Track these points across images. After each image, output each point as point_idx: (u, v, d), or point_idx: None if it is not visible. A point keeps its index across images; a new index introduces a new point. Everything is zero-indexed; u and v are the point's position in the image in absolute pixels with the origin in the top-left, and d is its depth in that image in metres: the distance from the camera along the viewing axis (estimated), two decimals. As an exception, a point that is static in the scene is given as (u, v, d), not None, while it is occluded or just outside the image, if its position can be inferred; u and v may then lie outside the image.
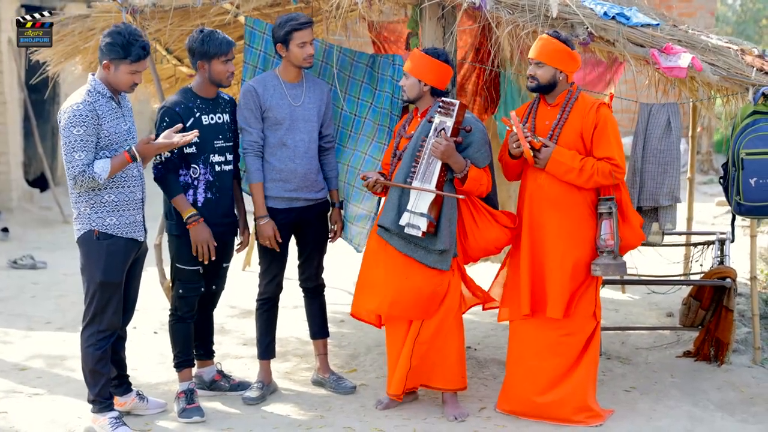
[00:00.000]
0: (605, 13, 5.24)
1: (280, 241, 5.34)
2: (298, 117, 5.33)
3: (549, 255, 5.08)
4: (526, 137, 4.94)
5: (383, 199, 5.28)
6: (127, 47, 4.75)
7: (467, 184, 4.99)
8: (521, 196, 5.23)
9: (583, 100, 5.08)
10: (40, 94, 10.90)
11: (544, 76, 5.03)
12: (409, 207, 4.98)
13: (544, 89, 5.07)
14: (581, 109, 5.04)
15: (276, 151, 5.33)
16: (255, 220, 5.35)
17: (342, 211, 5.62)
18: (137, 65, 4.80)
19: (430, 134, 4.98)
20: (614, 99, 7.00)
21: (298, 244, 5.60)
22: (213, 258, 5.20)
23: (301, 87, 5.39)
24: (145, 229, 5.07)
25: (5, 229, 10.64)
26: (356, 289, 5.30)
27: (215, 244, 5.18)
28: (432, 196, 4.92)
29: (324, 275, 5.71)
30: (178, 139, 4.87)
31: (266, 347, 5.60)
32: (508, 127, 5.09)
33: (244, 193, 5.55)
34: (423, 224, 4.93)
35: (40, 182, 12.84)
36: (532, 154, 4.96)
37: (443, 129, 4.94)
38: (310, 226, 5.50)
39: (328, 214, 5.59)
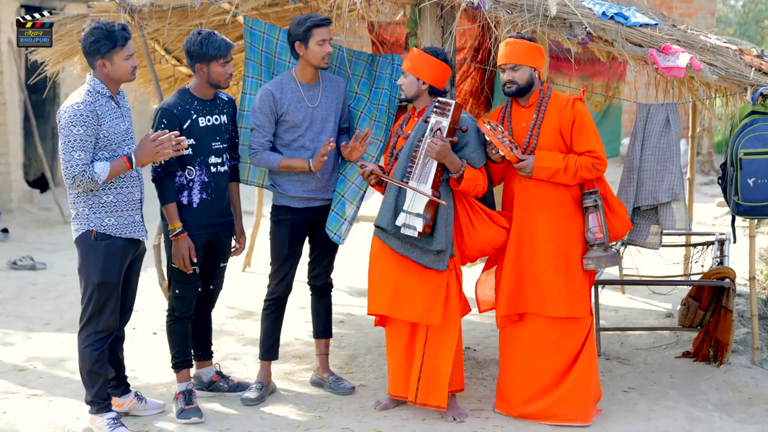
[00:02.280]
0: (604, 13, 5.23)
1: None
2: (316, 118, 5.35)
3: (540, 255, 5.07)
4: (502, 141, 4.93)
5: (381, 198, 5.28)
6: (111, 36, 4.76)
7: (463, 185, 4.98)
8: (506, 200, 5.22)
9: (557, 98, 5.09)
10: (39, 95, 10.89)
11: (523, 77, 5.03)
12: (405, 207, 4.97)
13: (524, 91, 5.06)
14: (556, 106, 5.05)
15: (295, 153, 5.34)
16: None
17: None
18: (128, 48, 4.81)
19: (426, 134, 4.97)
20: (617, 101, 6.95)
21: (310, 242, 5.61)
22: (195, 270, 5.20)
23: (317, 87, 5.39)
24: (146, 230, 5.07)
25: (5, 230, 10.63)
26: (368, 289, 5.30)
27: (195, 259, 5.18)
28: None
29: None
30: (171, 150, 4.87)
31: (269, 348, 5.59)
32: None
33: (241, 196, 5.54)
34: (419, 224, 4.92)
35: (40, 183, 12.83)
36: (514, 154, 4.94)
37: (439, 129, 4.93)
38: (323, 225, 5.50)
39: None
